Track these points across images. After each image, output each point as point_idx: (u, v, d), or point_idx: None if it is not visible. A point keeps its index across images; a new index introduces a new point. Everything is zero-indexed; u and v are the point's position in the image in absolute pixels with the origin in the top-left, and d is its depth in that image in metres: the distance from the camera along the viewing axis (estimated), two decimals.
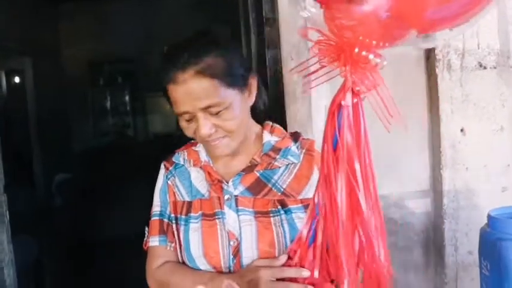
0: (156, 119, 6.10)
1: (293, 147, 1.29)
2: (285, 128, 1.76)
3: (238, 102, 1.19)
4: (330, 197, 1.03)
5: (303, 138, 1.32)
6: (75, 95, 5.65)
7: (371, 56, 1.05)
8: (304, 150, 1.29)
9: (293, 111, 1.77)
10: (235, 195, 1.25)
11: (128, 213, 4.64)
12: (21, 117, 4.69)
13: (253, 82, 1.25)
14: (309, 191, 1.24)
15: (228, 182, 1.26)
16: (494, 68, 1.70)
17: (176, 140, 1.43)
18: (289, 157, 1.28)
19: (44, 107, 4.80)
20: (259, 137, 1.31)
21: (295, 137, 1.32)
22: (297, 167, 1.27)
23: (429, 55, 1.75)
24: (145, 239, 1.37)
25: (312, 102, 1.76)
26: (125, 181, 4.83)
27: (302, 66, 1.12)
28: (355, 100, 1.05)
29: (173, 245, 1.31)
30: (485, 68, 1.70)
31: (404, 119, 1.17)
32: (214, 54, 1.16)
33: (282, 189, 1.25)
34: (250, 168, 1.27)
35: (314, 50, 1.08)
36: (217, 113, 1.16)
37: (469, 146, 1.71)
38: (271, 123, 1.34)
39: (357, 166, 1.05)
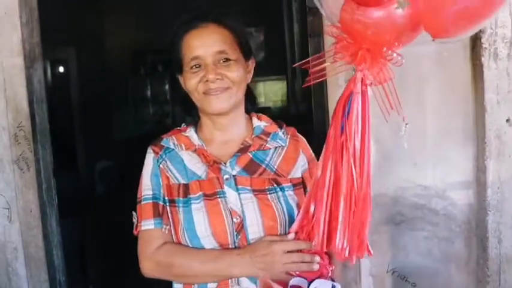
0: None
1: (280, 133, 1.40)
2: (328, 115, 1.77)
3: (242, 65, 1.32)
4: (336, 174, 1.18)
5: (286, 126, 1.44)
6: (117, 84, 5.76)
7: (394, 55, 1.19)
8: (289, 136, 1.41)
9: (335, 98, 1.76)
10: (233, 175, 1.32)
11: None
12: (65, 106, 4.82)
13: (253, 64, 1.37)
14: (296, 172, 1.37)
15: (225, 163, 1.32)
16: None
17: None
18: (278, 140, 1.38)
19: (86, 97, 4.92)
20: (249, 122, 1.40)
21: (279, 124, 1.43)
22: (284, 150, 1.38)
23: (475, 43, 1.71)
24: (135, 223, 1.38)
25: None
26: None
27: (311, 61, 1.24)
28: (363, 89, 1.20)
29: (168, 227, 1.34)
30: None
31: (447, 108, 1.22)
32: (232, 18, 1.34)
33: (274, 169, 1.35)
34: (244, 149, 1.35)
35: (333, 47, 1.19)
36: (226, 61, 1.28)
37: None
38: (256, 113, 1.44)
39: (358, 145, 1.21)
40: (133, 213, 1.40)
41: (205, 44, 1.30)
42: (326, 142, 1.27)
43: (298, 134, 1.43)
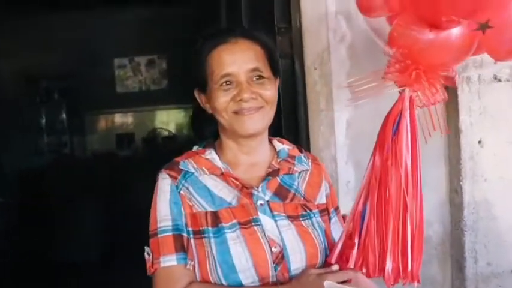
0: (94, 138, 5.82)
1: (302, 156, 1.35)
2: (309, 140, 1.71)
3: (274, 83, 1.26)
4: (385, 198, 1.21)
5: (304, 150, 1.41)
6: (7, 112, 5.24)
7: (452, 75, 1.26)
8: (310, 160, 1.36)
9: (316, 124, 1.71)
10: (267, 201, 1.23)
11: (65, 234, 4.38)
12: None
13: (279, 83, 1.31)
14: (321, 197, 1.32)
15: (257, 188, 1.23)
16: (508, 81, 1.74)
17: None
18: (303, 164, 1.33)
19: None
20: (270, 145, 1.33)
21: (299, 148, 1.38)
22: (308, 174, 1.32)
23: None
24: (150, 260, 1.20)
25: (335, 116, 1.71)
26: (62, 203, 4.57)
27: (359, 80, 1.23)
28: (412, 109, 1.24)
29: (192, 263, 1.18)
30: (500, 80, 1.74)
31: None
32: (263, 34, 1.29)
33: (303, 194, 1.29)
34: (273, 173, 1.27)
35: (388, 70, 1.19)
36: (259, 78, 1.21)
37: (487, 158, 1.74)
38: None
39: (409, 167, 1.25)
40: (146, 248, 1.21)
41: (238, 61, 1.21)
42: (369, 167, 1.23)
43: (317, 158, 1.40)
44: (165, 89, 6.15)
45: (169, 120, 6.26)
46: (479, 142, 1.73)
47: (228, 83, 1.21)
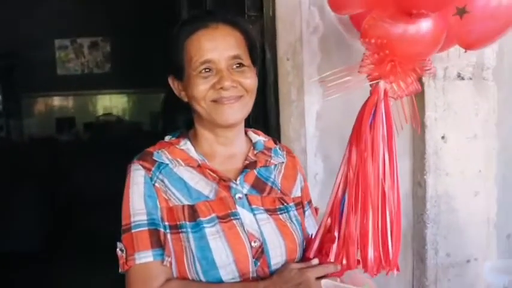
0: (33, 122, 5.56)
1: (277, 148, 1.33)
2: (280, 131, 1.69)
3: (253, 71, 1.22)
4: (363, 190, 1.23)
5: (278, 142, 1.39)
6: None
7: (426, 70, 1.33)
8: (285, 152, 1.34)
9: (287, 114, 1.70)
10: (245, 194, 1.20)
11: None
12: None
13: (256, 72, 1.26)
14: (297, 191, 1.30)
15: (236, 181, 1.20)
16: (470, 79, 1.80)
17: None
18: (279, 156, 1.31)
19: None
20: (246, 137, 1.30)
21: (274, 140, 1.36)
22: (283, 167, 1.30)
23: None
24: (123, 257, 1.14)
25: (305, 106, 1.70)
26: None
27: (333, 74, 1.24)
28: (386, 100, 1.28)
29: (169, 259, 1.14)
30: (463, 78, 1.79)
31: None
32: (243, 19, 1.31)
33: (279, 188, 1.27)
34: (251, 166, 1.24)
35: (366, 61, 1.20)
36: (239, 66, 1.17)
37: (449, 153, 1.79)
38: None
39: (386, 157, 1.27)
40: (118, 244, 1.14)
41: (219, 47, 1.15)
42: (345, 159, 1.23)
43: (291, 150, 1.37)
44: (108, 72, 5.97)
45: (112, 105, 6.08)
46: (443, 137, 1.78)
47: (207, 70, 1.16)
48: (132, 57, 5.50)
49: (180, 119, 1.29)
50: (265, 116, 1.75)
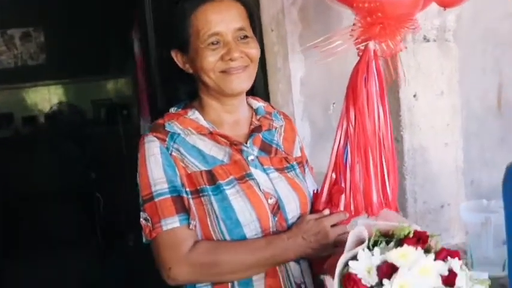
0: None
1: (276, 112, 1.43)
2: (269, 98, 1.78)
3: (256, 42, 1.30)
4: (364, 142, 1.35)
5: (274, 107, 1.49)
6: None
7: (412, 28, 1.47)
8: (282, 116, 1.44)
9: (275, 82, 1.79)
10: (256, 156, 1.29)
11: None
12: None
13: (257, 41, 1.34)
14: (297, 151, 1.41)
15: (246, 144, 1.28)
16: (435, 41, 1.97)
17: None
18: (279, 120, 1.41)
19: None
20: (247, 103, 1.39)
21: (270, 104, 1.48)
22: (283, 129, 1.40)
23: None
24: (149, 226, 1.18)
25: (291, 74, 1.80)
26: None
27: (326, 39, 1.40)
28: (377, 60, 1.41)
29: (194, 223, 1.20)
30: (428, 40, 1.95)
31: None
32: None
33: (283, 149, 1.36)
34: (257, 130, 1.32)
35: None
36: (244, 38, 1.25)
37: (421, 110, 1.95)
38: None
39: (381, 112, 1.42)
40: (142, 213, 1.18)
41: (226, 20, 1.22)
42: (343, 116, 1.34)
43: (286, 114, 1.49)
44: (44, 63, 5.76)
45: (50, 97, 5.89)
46: (414, 96, 1.94)
47: (215, 42, 1.22)
48: (69, 46, 5.36)
49: (182, 91, 1.34)
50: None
